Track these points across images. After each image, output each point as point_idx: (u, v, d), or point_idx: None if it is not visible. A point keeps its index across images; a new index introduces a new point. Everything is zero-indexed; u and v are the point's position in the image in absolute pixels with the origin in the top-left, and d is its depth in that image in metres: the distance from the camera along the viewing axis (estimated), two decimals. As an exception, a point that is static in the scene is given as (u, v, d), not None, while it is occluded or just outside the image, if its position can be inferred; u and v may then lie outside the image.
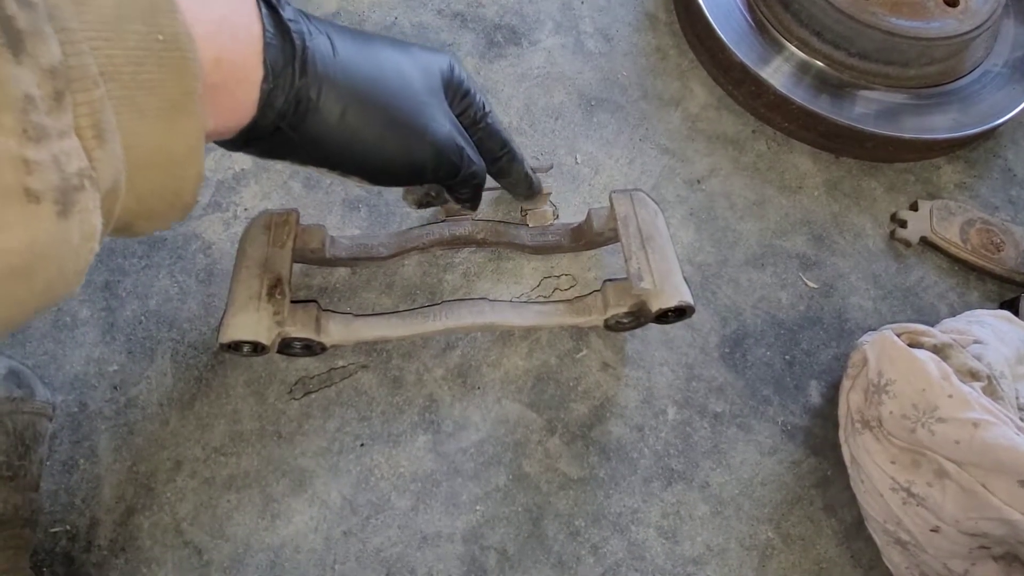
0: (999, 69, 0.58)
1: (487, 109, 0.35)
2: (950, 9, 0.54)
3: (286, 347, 0.42)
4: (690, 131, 0.56)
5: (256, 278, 0.39)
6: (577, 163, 0.54)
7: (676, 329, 0.48)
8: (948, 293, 0.52)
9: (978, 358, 0.42)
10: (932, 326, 0.45)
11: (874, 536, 0.43)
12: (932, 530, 0.39)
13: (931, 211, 0.54)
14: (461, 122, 0.34)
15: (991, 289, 0.52)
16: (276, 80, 0.24)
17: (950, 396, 0.38)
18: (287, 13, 0.26)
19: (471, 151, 0.34)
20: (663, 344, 0.48)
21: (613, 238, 0.47)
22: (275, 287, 0.39)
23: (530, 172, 0.41)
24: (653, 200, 0.45)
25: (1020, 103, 0.55)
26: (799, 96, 0.54)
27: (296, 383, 0.44)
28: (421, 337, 0.45)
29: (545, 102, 0.56)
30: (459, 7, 0.60)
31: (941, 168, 0.57)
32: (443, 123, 0.32)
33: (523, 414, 0.45)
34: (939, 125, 0.54)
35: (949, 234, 0.53)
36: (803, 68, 0.56)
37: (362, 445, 0.43)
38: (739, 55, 0.55)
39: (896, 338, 0.41)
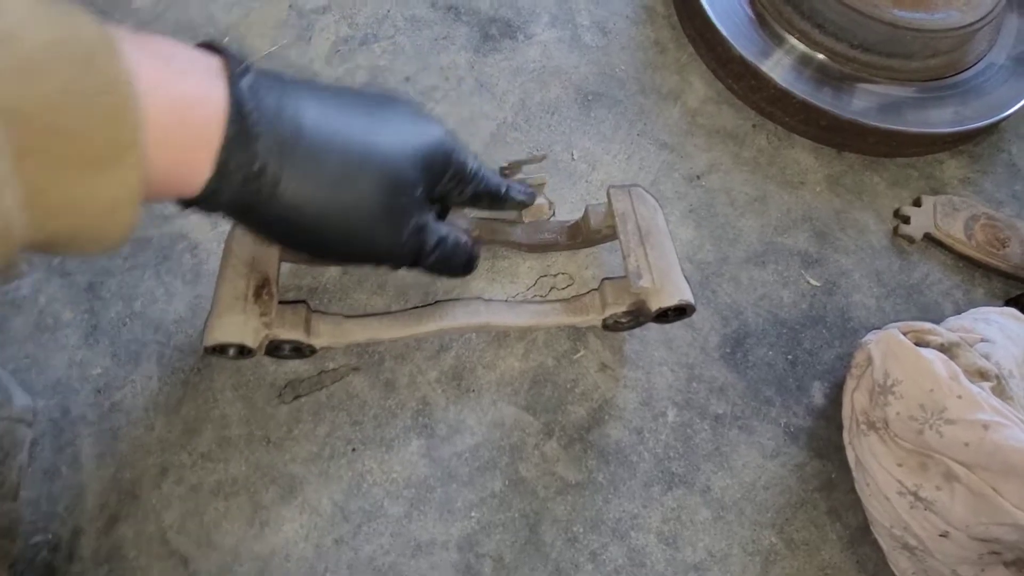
0: (1003, 62, 0.55)
1: (480, 175, 0.32)
2: (953, 0, 0.52)
3: (275, 350, 0.39)
4: (689, 126, 0.53)
5: (242, 278, 0.37)
6: (574, 159, 0.51)
7: (676, 329, 0.46)
8: (953, 290, 0.49)
9: (986, 357, 0.40)
10: (938, 324, 0.43)
11: (880, 541, 0.41)
12: (941, 535, 0.36)
13: (935, 207, 0.52)
14: (449, 191, 0.31)
15: (996, 286, 0.50)
16: (231, 157, 0.21)
17: (959, 397, 0.36)
18: (254, 82, 0.22)
19: (437, 250, 0.31)
20: (663, 344, 0.46)
21: (611, 235, 0.45)
22: (262, 287, 0.37)
23: (523, 197, 0.38)
24: (652, 196, 0.43)
25: (1020, 101, 0.53)
26: (800, 90, 0.51)
27: (285, 386, 0.42)
28: (414, 338, 0.43)
29: (541, 97, 0.54)
30: (452, 0, 0.57)
31: (944, 163, 0.54)
32: (407, 225, 0.29)
33: (519, 417, 0.43)
34: (942, 119, 0.52)
35: (953, 230, 0.51)
36: (804, 61, 0.53)
37: (353, 450, 0.41)
38: (739, 48, 0.53)
39: (902, 337, 0.38)
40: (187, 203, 0.23)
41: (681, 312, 0.39)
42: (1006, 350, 0.40)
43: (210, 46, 0.23)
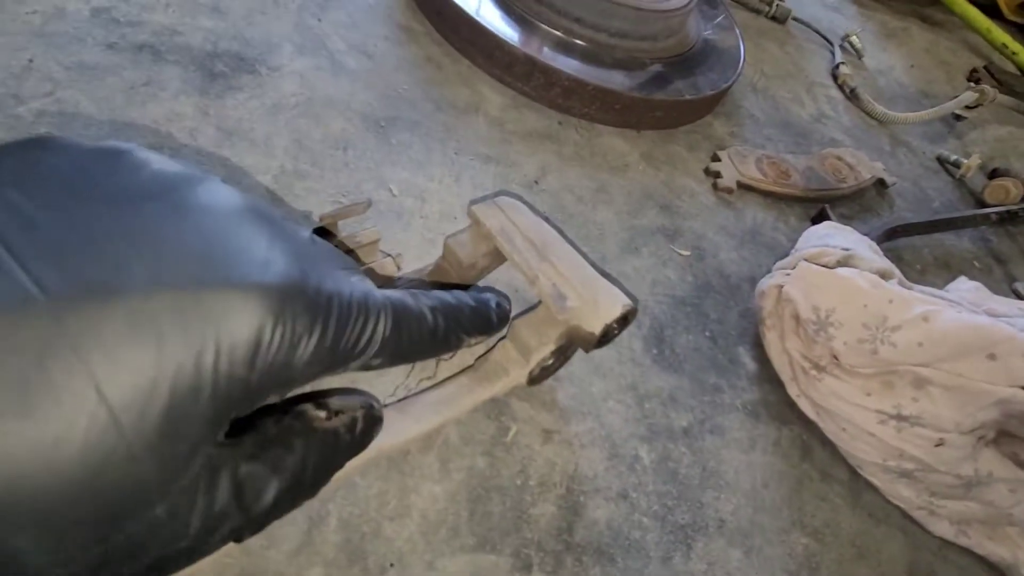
0: (710, 36, 0.63)
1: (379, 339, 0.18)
2: (666, -12, 0.56)
3: None
4: (502, 134, 0.46)
5: None
6: (395, 195, 0.38)
7: (596, 352, 0.36)
8: (777, 223, 0.51)
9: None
10: (788, 255, 0.42)
11: (873, 480, 0.37)
12: (937, 445, 0.33)
13: (730, 158, 0.54)
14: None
15: (799, 210, 0.54)
16: None
17: (890, 301, 0.34)
18: None
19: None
20: (594, 375, 0.35)
21: (492, 265, 0.33)
22: None
23: (497, 314, 0.24)
24: (522, 200, 0.32)
25: (739, 64, 0.60)
26: (590, 76, 0.49)
27: None
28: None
29: (321, 133, 0.39)
30: (142, 37, 0.39)
31: (713, 124, 0.58)
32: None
33: (477, 565, 0.26)
34: (704, 85, 0.55)
35: (752, 173, 0.53)
36: (574, 52, 0.51)
37: None
38: (524, 49, 0.47)
39: (817, 266, 0.35)
40: None
41: (624, 322, 0.29)
42: (864, 251, 0.41)
43: None
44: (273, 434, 0.16)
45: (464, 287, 0.32)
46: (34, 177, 0.14)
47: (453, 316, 0.21)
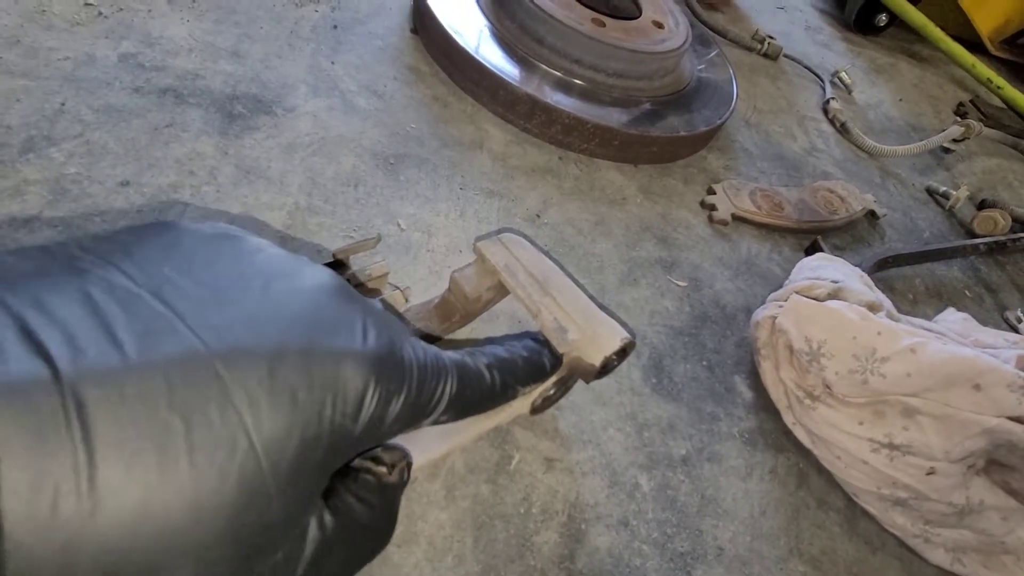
0: (704, 73, 0.66)
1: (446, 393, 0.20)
2: (661, 31, 0.59)
3: None
4: (505, 169, 0.48)
5: None
6: (403, 230, 0.40)
7: (597, 383, 0.37)
8: (771, 255, 0.53)
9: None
10: (782, 286, 0.44)
11: (868, 508, 0.37)
12: (928, 473, 0.34)
13: (725, 191, 0.56)
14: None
15: (792, 242, 0.55)
16: None
17: (879, 333, 0.35)
18: None
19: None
20: (595, 403, 0.36)
21: (495, 299, 0.34)
22: None
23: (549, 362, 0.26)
24: (526, 237, 0.34)
25: (732, 100, 0.63)
26: (589, 115, 0.51)
27: None
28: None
29: (334, 171, 0.41)
30: (166, 81, 0.42)
31: (707, 158, 0.60)
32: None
33: (484, 594, 0.27)
34: (698, 122, 0.58)
35: (746, 205, 0.55)
36: (573, 91, 0.54)
37: None
38: (525, 89, 0.50)
39: (807, 299, 0.37)
40: None
41: (623, 354, 0.31)
42: (854, 283, 0.42)
43: None
44: (355, 490, 0.18)
45: (468, 319, 0.34)
46: (177, 254, 0.16)
47: (509, 370, 0.23)
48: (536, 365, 0.25)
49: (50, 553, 0.11)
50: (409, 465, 0.22)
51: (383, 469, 0.20)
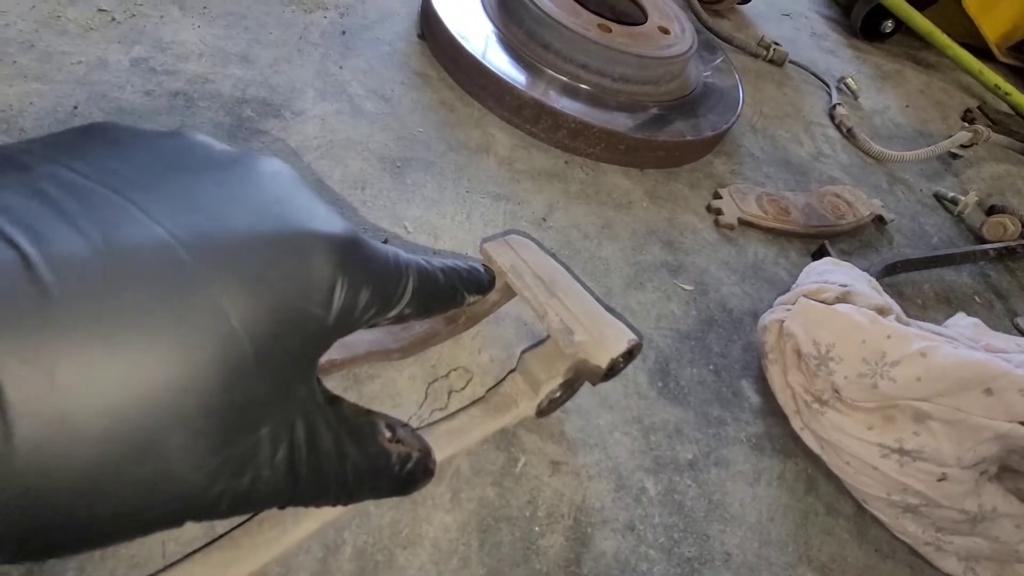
0: (710, 78, 0.66)
1: (411, 279, 0.20)
2: (667, 36, 0.59)
3: None
4: (511, 173, 0.48)
5: None
6: (409, 232, 0.40)
7: (603, 385, 0.37)
8: (778, 259, 0.53)
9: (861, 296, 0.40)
10: (790, 290, 0.44)
11: (878, 515, 0.37)
12: (939, 480, 0.34)
13: (731, 195, 0.56)
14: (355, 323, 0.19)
15: (799, 246, 0.55)
16: None
17: (888, 337, 0.35)
18: None
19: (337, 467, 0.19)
20: (601, 407, 0.36)
21: (500, 300, 0.34)
22: None
23: (484, 278, 0.27)
24: (532, 239, 0.34)
25: (738, 105, 0.63)
26: (596, 119, 0.51)
27: None
28: (278, 562, 0.24)
29: (341, 173, 0.42)
30: (176, 85, 0.42)
31: (714, 163, 0.60)
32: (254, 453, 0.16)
33: (489, 597, 0.27)
34: (704, 126, 0.58)
35: (753, 210, 0.55)
36: (579, 96, 0.54)
37: None
38: (532, 93, 0.50)
39: (816, 302, 0.36)
40: None
41: (629, 356, 0.31)
42: (863, 287, 0.42)
43: None
44: (348, 418, 0.19)
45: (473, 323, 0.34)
46: (124, 153, 0.16)
47: (455, 276, 0.24)
48: (477, 278, 0.26)
49: (53, 420, 0.12)
50: (424, 467, 0.22)
51: (385, 431, 0.20)
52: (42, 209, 0.13)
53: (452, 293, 0.24)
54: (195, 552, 0.23)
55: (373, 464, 0.19)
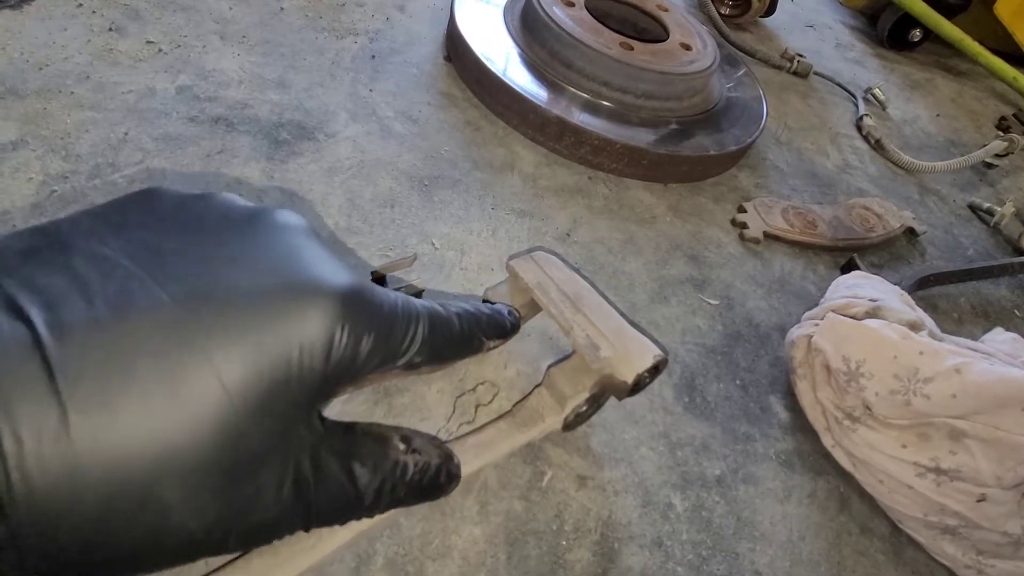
0: (733, 92, 0.66)
1: (412, 342, 0.20)
2: (689, 52, 0.60)
3: None
4: (535, 190, 0.49)
5: None
6: (436, 248, 0.41)
7: (629, 400, 0.37)
8: (805, 273, 0.52)
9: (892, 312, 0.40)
10: (818, 304, 0.43)
11: (915, 536, 0.36)
12: (979, 500, 0.33)
13: (756, 209, 0.55)
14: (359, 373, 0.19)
15: (827, 260, 0.55)
16: None
17: (921, 353, 0.34)
18: None
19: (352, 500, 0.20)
20: (626, 421, 0.36)
21: (527, 316, 0.35)
22: None
23: (508, 321, 0.27)
24: (557, 255, 0.35)
25: (762, 119, 0.63)
26: (618, 136, 0.52)
27: None
28: (313, 570, 0.25)
29: (371, 192, 0.43)
30: (218, 111, 0.44)
31: (738, 177, 0.60)
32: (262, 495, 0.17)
33: (517, 610, 0.27)
34: (727, 141, 0.58)
35: (779, 223, 0.55)
36: (601, 112, 0.55)
37: None
38: (555, 111, 0.51)
39: (845, 318, 0.36)
40: None
41: (655, 371, 0.31)
42: (894, 302, 0.41)
43: None
44: (357, 444, 0.19)
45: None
46: (154, 219, 0.18)
47: (474, 322, 0.24)
48: (498, 323, 0.25)
49: (55, 484, 0.13)
50: (448, 473, 0.22)
51: (399, 444, 0.20)
52: (65, 285, 0.15)
53: (469, 339, 0.23)
54: (236, 559, 0.24)
55: (389, 478, 0.20)
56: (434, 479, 0.21)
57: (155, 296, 0.15)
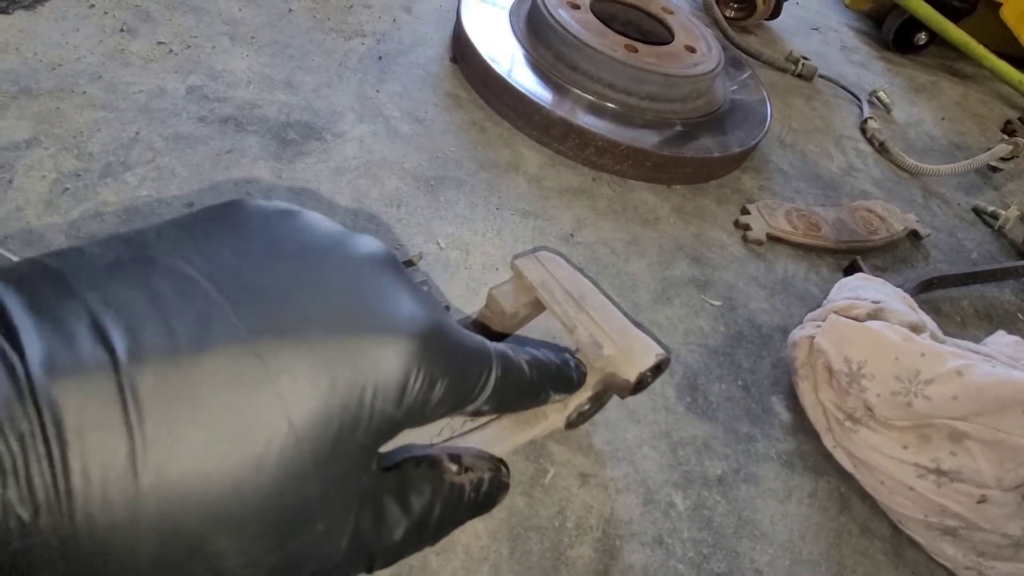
0: (737, 94, 0.66)
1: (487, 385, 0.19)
2: (693, 55, 0.60)
3: None
4: (540, 190, 0.49)
5: None
6: (442, 248, 0.42)
7: (631, 399, 0.37)
8: (808, 275, 0.52)
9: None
10: (820, 306, 0.43)
11: (915, 537, 0.36)
12: (980, 502, 0.33)
13: (759, 211, 0.56)
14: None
15: (830, 262, 0.55)
16: None
17: (922, 355, 0.34)
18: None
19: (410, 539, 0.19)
20: (628, 420, 0.37)
21: (530, 315, 0.35)
22: None
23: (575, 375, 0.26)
24: (561, 254, 0.35)
25: (766, 121, 0.63)
26: (622, 137, 0.52)
27: None
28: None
29: (378, 192, 0.44)
30: (227, 111, 0.45)
31: (742, 179, 0.60)
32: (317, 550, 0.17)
33: (519, 605, 0.28)
34: (730, 143, 0.58)
35: (782, 225, 0.55)
36: (606, 114, 0.55)
37: None
38: (559, 112, 0.52)
39: (847, 319, 0.36)
40: None
41: (657, 370, 0.31)
42: (896, 304, 0.41)
43: None
44: (410, 476, 0.19)
45: (504, 336, 0.35)
46: (238, 237, 0.17)
47: (544, 372, 0.23)
48: (566, 376, 0.25)
49: (113, 528, 0.13)
50: (499, 484, 0.21)
51: (452, 467, 0.20)
52: (147, 307, 0.14)
53: (537, 391, 0.22)
54: None
55: (449, 502, 0.19)
56: (488, 493, 0.21)
57: (232, 328, 0.15)
